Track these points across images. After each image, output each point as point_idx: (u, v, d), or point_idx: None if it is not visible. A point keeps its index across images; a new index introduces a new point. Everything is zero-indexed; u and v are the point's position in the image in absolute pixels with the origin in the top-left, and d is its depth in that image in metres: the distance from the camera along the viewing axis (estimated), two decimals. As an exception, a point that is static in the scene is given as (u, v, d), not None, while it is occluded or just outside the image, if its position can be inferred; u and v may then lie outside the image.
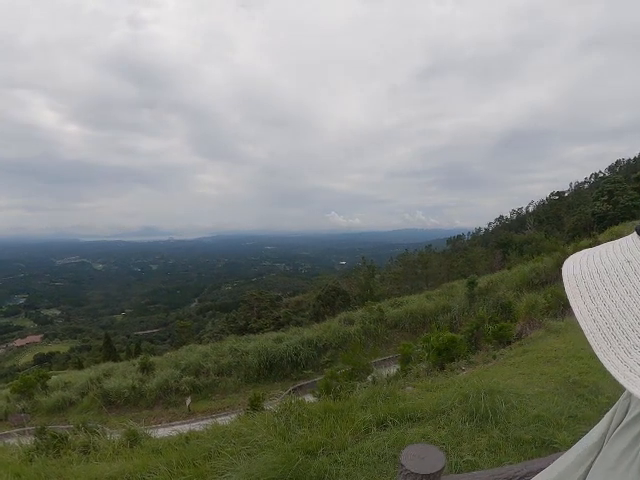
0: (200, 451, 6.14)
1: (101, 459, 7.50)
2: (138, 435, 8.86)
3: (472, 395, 5.92)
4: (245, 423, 7.11)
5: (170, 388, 24.17)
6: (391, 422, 5.82)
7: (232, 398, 22.87)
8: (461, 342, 14.43)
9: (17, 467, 8.11)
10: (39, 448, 9.39)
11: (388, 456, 4.83)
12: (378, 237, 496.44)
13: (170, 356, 29.23)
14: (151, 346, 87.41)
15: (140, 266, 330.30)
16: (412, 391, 8.26)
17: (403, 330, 26.51)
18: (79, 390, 26.50)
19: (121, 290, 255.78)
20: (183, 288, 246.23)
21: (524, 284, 27.16)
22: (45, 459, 8.21)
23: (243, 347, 26.07)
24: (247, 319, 52.01)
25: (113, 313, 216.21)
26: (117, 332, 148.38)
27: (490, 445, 4.90)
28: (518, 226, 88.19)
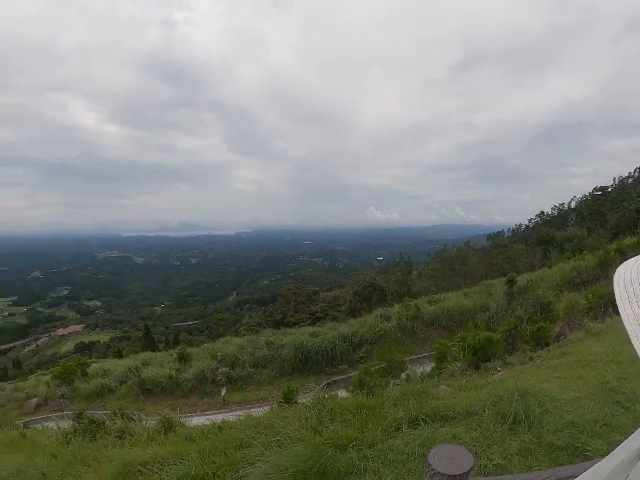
0: (232, 440, 6.26)
1: (135, 444, 7.68)
2: (173, 423, 9.03)
3: (506, 397, 5.81)
4: (278, 415, 7.23)
5: (206, 378, 24.50)
6: (422, 421, 5.77)
7: (266, 390, 23.02)
8: (498, 342, 14.23)
9: (54, 449, 8.38)
10: (76, 432, 9.67)
11: (417, 455, 4.80)
12: (416, 232, 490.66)
13: (207, 347, 29.59)
14: (189, 337, 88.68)
15: (180, 260, 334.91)
16: (445, 390, 8.20)
17: (440, 328, 26.19)
18: (118, 378, 27.11)
19: (161, 283, 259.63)
20: (221, 282, 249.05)
21: (564, 283, 26.52)
22: (81, 442, 8.46)
23: (279, 340, 26.20)
24: (284, 313, 52.37)
25: (153, 305, 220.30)
26: (156, 323, 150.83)
27: (521, 449, 4.81)
28: (559, 222, 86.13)
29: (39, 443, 10.00)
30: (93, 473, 6.35)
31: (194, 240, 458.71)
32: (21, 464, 7.26)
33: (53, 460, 7.44)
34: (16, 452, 8.71)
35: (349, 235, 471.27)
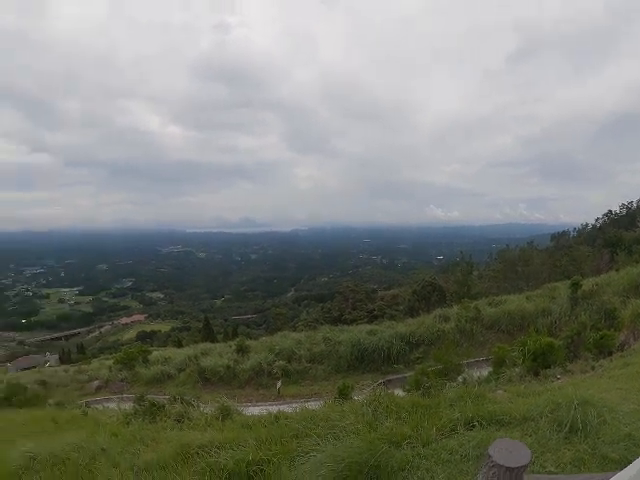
0: (288, 430, 6.46)
1: (193, 428, 7.96)
2: (230, 410, 9.29)
3: (564, 405, 5.70)
4: (334, 409, 7.36)
5: (263, 371, 24.88)
6: (478, 423, 5.76)
7: (321, 386, 23.14)
8: (559, 348, 13.92)
9: (114, 428, 8.78)
10: (137, 413, 10.09)
11: (471, 456, 4.82)
12: (478, 231, 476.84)
13: (265, 341, 30.01)
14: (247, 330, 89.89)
15: (240, 255, 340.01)
16: (503, 395, 8.14)
17: (499, 332, 25.56)
18: (177, 366, 27.91)
19: (222, 277, 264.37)
20: (280, 277, 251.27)
21: (632, 289, 25.21)
22: (141, 423, 8.83)
23: (336, 337, 26.29)
24: (342, 310, 52.47)
25: (213, 298, 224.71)
26: (216, 316, 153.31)
27: (575, 459, 4.74)
28: (628, 222, 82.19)
29: (100, 421, 10.46)
30: (152, 452, 6.65)
31: (254, 236, 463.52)
32: (82, 440, 7.62)
33: (113, 438, 7.80)
34: (77, 429, 9.12)
35: (409, 233, 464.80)
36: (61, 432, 8.81)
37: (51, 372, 40.79)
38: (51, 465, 6.77)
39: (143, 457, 6.47)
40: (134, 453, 6.77)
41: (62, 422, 11.16)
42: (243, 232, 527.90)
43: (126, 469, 6.18)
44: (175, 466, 5.88)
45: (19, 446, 7.64)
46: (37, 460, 6.95)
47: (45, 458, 6.96)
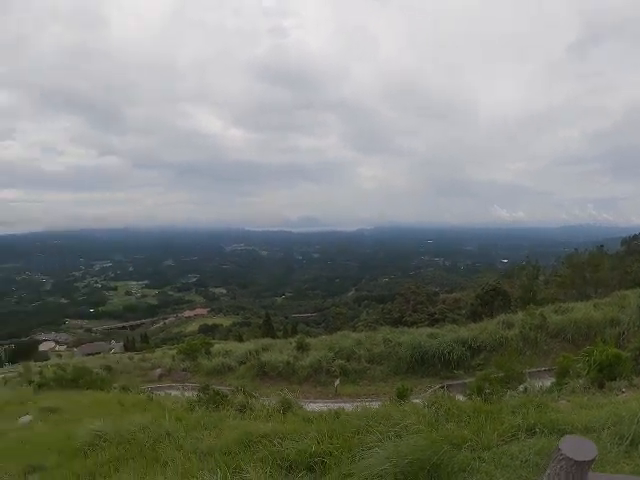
0: (349, 426, 6.54)
1: (255, 419, 8.20)
2: (291, 403, 9.51)
3: (626, 419, 5.59)
4: (395, 408, 7.45)
5: (321, 368, 25.03)
6: (539, 431, 5.70)
7: (378, 387, 23.05)
8: (626, 360, 13.45)
9: (179, 413, 9.13)
10: (200, 401, 10.46)
11: (531, 463, 4.79)
12: (545, 233, 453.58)
13: (325, 339, 30.20)
14: (306, 328, 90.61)
15: (302, 254, 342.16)
16: (565, 405, 8.02)
17: (564, 341, 24.74)
18: (238, 359, 28.48)
19: (283, 275, 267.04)
20: (342, 277, 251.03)
21: None
22: (205, 411, 9.15)
23: (397, 338, 26.12)
24: (402, 312, 52.10)
25: (274, 295, 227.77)
26: (276, 313, 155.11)
27: (633, 472, 4.61)
28: None
29: (165, 406, 10.86)
30: (215, 438, 6.90)
31: (317, 236, 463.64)
32: (148, 422, 7.95)
33: (178, 422, 8.10)
34: (142, 412, 9.48)
35: (472, 234, 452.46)
36: (127, 414, 9.20)
37: (116, 358, 42.50)
38: (117, 443, 7.10)
39: (206, 442, 6.69)
40: (197, 438, 7.00)
41: (128, 405, 11.61)
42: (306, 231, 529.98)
43: (190, 452, 6.41)
44: (238, 452, 6.09)
45: (87, 424, 8.05)
46: (103, 438, 7.32)
47: (111, 437, 7.30)
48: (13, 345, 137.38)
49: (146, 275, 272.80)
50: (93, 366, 31.08)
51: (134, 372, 32.04)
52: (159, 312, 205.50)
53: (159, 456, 6.45)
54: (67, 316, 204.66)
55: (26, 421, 10.39)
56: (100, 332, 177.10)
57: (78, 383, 20.73)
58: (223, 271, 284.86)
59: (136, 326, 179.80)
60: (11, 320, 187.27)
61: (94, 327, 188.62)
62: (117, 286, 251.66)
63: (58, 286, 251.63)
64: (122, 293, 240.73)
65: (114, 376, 29.58)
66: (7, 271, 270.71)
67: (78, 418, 9.80)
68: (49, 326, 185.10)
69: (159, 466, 6.06)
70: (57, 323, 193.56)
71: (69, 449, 7.31)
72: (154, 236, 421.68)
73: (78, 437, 7.62)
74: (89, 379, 21.85)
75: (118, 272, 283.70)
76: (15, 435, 8.83)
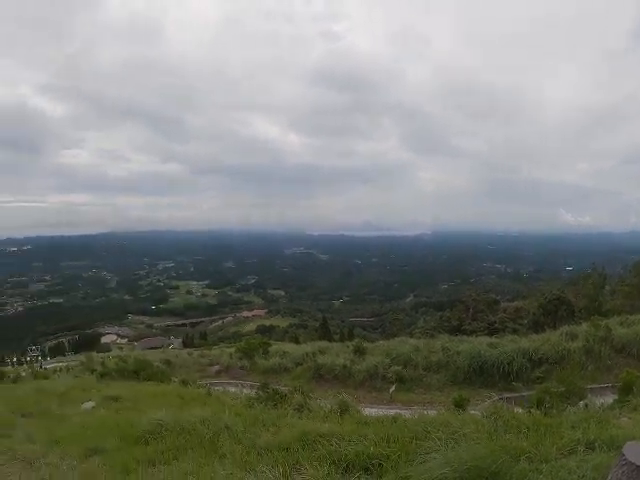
0: (407, 431, 6.54)
1: (312, 418, 8.26)
2: (349, 406, 9.54)
3: None
4: (454, 417, 7.44)
5: (377, 374, 24.89)
6: (599, 446, 5.55)
7: (434, 395, 22.65)
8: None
9: (238, 409, 9.29)
10: (259, 398, 10.62)
11: (588, 477, 4.66)
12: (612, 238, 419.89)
13: (382, 344, 30.06)
14: (363, 333, 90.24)
15: (361, 258, 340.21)
16: (627, 422, 7.79)
17: (629, 356, 23.54)
18: (294, 360, 28.73)
19: (342, 279, 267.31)
20: (400, 282, 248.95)
21: None
22: (263, 408, 9.28)
23: (455, 347, 25.66)
24: (461, 320, 51.16)
25: (332, 299, 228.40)
26: (333, 316, 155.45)
27: None
28: None
29: (224, 401, 11.09)
30: (272, 435, 6.99)
31: (376, 240, 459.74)
32: (208, 415, 8.12)
33: (237, 417, 8.25)
34: (202, 405, 9.70)
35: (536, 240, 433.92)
36: (187, 407, 9.42)
37: (175, 353, 43.88)
38: (177, 433, 7.28)
39: (264, 438, 6.79)
40: (256, 433, 7.11)
41: (187, 398, 11.90)
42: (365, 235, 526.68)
43: (248, 446, 6.53)
44: (296, 449, 6.16)
45: (148, 413, 8.30)
46: (164, 428, 7.52)
47: (172, 427, 7.49)
48: (77, 336, 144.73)
49: (207, 275, 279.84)
50: (153, 360, 31.97)
51: (192, 367, 32.86)
52: (218, 311, 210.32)
53: (218, 448, 6.58)
54: (130, 312, 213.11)
55: (89, 407, 10.77)
56: (160, 328, 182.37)
57: (139, 375, 21.33)
58: (282, 273, 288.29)
59: (195, 324, 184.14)
60: (76, 313, 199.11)
61: (155, 323, 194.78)
62: (179, 285, 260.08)
63: (122, 283, 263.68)
64: (183, 292, 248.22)
65: (173, 370, 30.38)
66: (75, 268, 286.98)
67: (139, 407, 10.11)
68: (112, 320, 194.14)
69: (217, 457, 6.18)
70: (120, 318, 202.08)
71: (130, 435, 7.53)
72: (215, 238, 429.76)
73: (139, 425, 7.86)
74: (150, 371, 22.46)
75: (180, 272, 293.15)
76: (78, 419, 9.18)
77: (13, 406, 10.45)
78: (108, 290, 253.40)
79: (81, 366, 39.30)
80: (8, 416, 9.30)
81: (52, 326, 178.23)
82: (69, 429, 8.37)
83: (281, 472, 5.30)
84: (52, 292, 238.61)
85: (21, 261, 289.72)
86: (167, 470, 5.80)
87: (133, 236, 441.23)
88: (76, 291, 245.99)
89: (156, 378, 20.57)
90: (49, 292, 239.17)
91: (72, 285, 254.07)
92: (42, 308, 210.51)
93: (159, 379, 20.42)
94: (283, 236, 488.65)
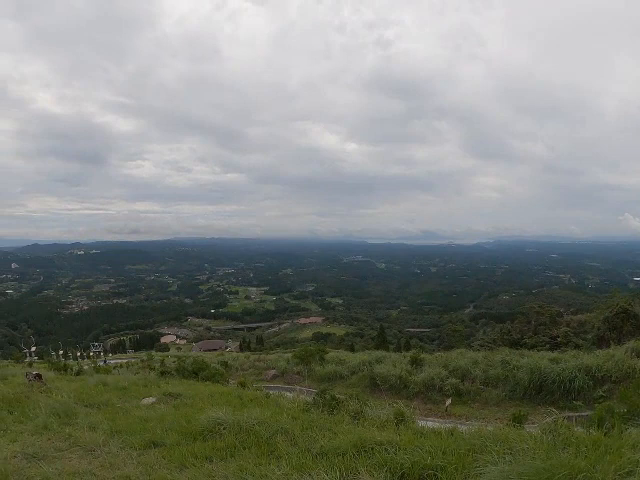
0: (464, 444, 6.51)
1: (369, 426, 8.26)
2: (405, 416, 9.50)
3: None
4: (511, 432, 7.30)
5: (434, 386, 24.50)
6: (659, 468, 5.43)
7: (490, 411, 22.10)
8: None
9: (295, 413, 9.39)
10: (316, 404, 10.68)
11: (644, 499, 4.59)
12: None
13: (440, 356, 29.66)
14: (420, 344, 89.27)
15: (420, 268, 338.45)
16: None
17: None
18: (350, 368, 28.66)
19: (399, 288, 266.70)
20: (459, 293, 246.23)
21: None
22: (319, 413, 9.35)
23: (515, 361, 24.97)
24: (522, 333, 49.79)
25: (389, 308, 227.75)
26: (390, 326, 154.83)
27: None
28: None
29: (282, 405, 11.21)
30: (328, 440, 7.00)
31: (435, 249, 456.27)
32: (265, 417, 8.24)
33: (293, 421, 8.35)
34: (260, 407, 9.82)
35: (601, 248, 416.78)
36: (245, 408, 9.57)
37: (233, 356, 44.73)
38: (235, 432, 7.40)
39: (320, 442, 6.83)
40: (312, 437, 7.16)
41: (246, 400, 12.07)
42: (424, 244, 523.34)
43: (304, 449, 6.60)
44: (352, 455, 6.18)
45: (207, 412, 8.46)
46: (223, 426, 7.68)
47: (230, 426, 7.61)
48: (137, 335, 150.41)
49: (266, 282, 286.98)
50: (211, 361, 32.63)
51: (249, 370, 33.38)
52: (275, 317, 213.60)
53: (274, 449, 6.66)
54: (189, 314, 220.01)
55: (149, 402, 11.06)
56: (218, 331, 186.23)
57: (198, 375, 21.74)
58: (340, 282, 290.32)
59: (252, 329, 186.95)
60: (138, 314, 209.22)
61: (213, 326, 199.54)
62: (238, 290, 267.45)
63: (183, 287, 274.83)
64: (242, 297, 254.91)
65: (230, 372, 30.93)
66: (139, 272, 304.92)
67: (198, 405, 10.31)
68: (172, 322, 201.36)
69: (274, 458, 6.26)
70: (179, 320, 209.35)
71: (189, 431, 7.70)
72: (275, 246, 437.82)
73: (198, 422, 8.02)
74: (208, 372, 22.85)
75: (239, 278, 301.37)
76: (138, 413, 9.42)
77: (76, 397, 10.84)
78: (169, 293, 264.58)
79: (141, 363, 40.65)
80: (72, 406, 9.66)
81: (114, 325, 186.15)
82: (129, 421, 8.63)
83: (337, 476, 5.36)
84: (116, 293, 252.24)
85: (88, 264, 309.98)
86: (224, 466, 5.93)
87: (195, 243, 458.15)
88: (139, 293, 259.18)
89: (214, 379, 20.93)
90: (113, 293, 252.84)
91: (135, 287, 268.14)
92: (106, 308, 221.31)
93: (217, 380, 20.79)
94: (342, 244, 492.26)
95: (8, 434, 7.91)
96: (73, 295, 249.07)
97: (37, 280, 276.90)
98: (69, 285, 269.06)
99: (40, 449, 6.83)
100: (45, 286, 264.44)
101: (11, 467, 5.95)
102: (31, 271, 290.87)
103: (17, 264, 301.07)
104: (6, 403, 10.03)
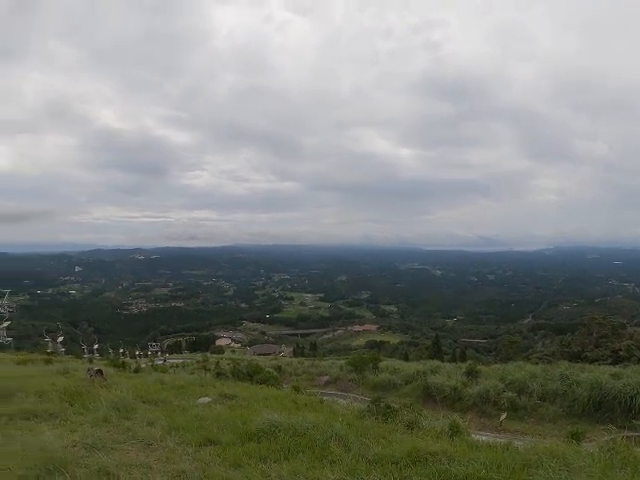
0: (519, 458, 6.52)
1: (423, 436, 8.23)
2: (460, 428, 9.42)
3: None
4: (568, 448, 7.24)
5: (489, 399, 23.92)
6: None
7: (546, 428, 21.30)
8: None
9: (350, 419, 9.43)
10: (370, 411, 10.68)
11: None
12: None
13: (497, 368, 29.02)
14: (475, 355, 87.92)
15: (477, 275, 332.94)
16: None
17: None
18: (404, 377, 28.44)
19: (456, 297, 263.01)
20: (518, 302, 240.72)
21: None
22: (374, 421, 9.37)
23: (575, 376, 24.13)
24: (583, 346, 48.22)
25: (445, 317, 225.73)
26: (446, 335, 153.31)
27: None
28: None
29: (336, 411, 11.27)
30: (382, 448, 7.01)
31: (493, 256, 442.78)
32: (320, 422, 8.27)
33: (348, 427, 8.37)
34: (314, 412, 9.89)
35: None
36: (299, 411, 9.66)
37: (286, 361, 45.12)
38: (290, 435, 7.48)
39: (374, 450, 6.86)
40: (366, 444, 7.17)
41: (300, 404, 12.17)
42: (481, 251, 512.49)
43: (357, 455, 6.63)
44: (406, 464, 6.22)
45: (263, 414, 8.57)
46: (278, 428, 7.75)
47: (285, 428, 7.70)
48: (193, 337, 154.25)
49: (321, 288, 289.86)
50: (264, 365, 33.00)
51: (302, 376, 33.58)
52: (329, 324, 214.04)
53: (328, 454, 6.72)
54: (244, 319, 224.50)
55: (205, 402, 11.26)
56: (272, 336, 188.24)
57: (252, 378, 22.07)
58: (395, 289, 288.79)
59: (306, 334, 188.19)
60: (195, 317, 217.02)
61: (268, 331, 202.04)
62: (293, 296, 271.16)
63: (239, 292, 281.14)
64: (297, 303, 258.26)
65: (283, 376, 31.21)
66: (197, 277, 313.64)
67: (253, 407, 10.44)
68: (227, 325, 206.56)
69: (327, 463, 6.32)
70: (235, 324, 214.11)
71: (244, 432, 7.81)
72: (330, 253, 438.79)
73: (253, 423, 8.13)
74: (262, 376, 23.19)
75: (295, 284, 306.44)
76: (195, 412, 9.60)
77: (135, 393, 11.12)
78: (225, 298, 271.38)
79: (196, 364, 41.51)
80: (131, 401, 9.94)
81: (172, 326, 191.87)
82: (186, 419, 8.80)
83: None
84: (174, 297, 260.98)
85: (148, 269, 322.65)
86: (277, 468, 6.01)
87: (251, 249, 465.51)
88: (196, 297, 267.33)
89: (268, 382, 21.18)
90: (171, 296, 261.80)
91: (193, 291, 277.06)
92: (164, 310, 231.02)
93: (271, 384, 21.01)
94: (398, 251, 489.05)
95: (68, 424, 8.21)
96: (133, 297, 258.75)
97: (99, 282, 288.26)
98: (129, 288, 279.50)
99: (99, 440, 7.06)
100: (106, 288, 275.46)
101: (70, 455, 6.16)
102: (94, 274, 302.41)
103: (81, 267, 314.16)
104: (68, 395, 10.41)
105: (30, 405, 9.24)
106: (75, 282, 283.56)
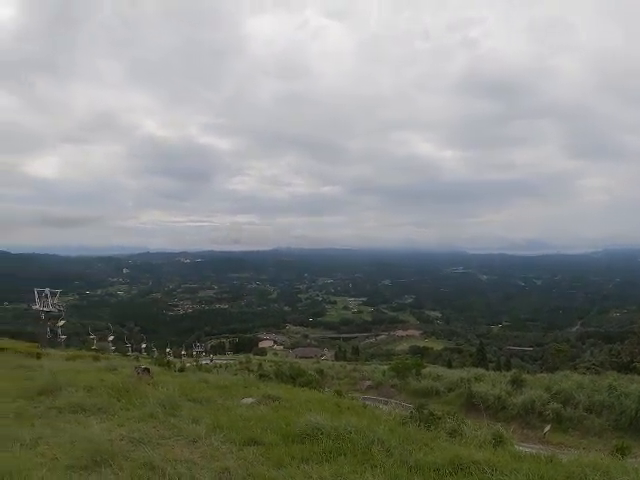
0: (562, 470, 6.49)
1: (465, 445, 8.19)
2: (504, 438, 9.34)
3: None
4: (613, 462, 7.17)
5: (534, 409, 23.46)
6: None
7: (590, 441, 20.59)
8: None
9: (392, 425, 9.44)
10: (413, 417, 10.67)
11: None
12: None
13: (543, 377, 28.53)
14: (521, 363, 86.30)
15: (524, 280, 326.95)
16: None
17: None
18: (447, 385, 28.24)
19: (502, 302, 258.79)
20: (566, 308, 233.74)
21: None
22: (416, 427, 9.36)
23: (623, 387, 23.41)
24: (633, 355, 46.80)
25: (490, 323, 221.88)
26: (491, 342, 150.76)
27: None
28: None
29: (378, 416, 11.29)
30: (424, 454, 6.99)
31: (541, 259, 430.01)
32: (363, 426, 8.27)
33: (390, 432, 8.37)
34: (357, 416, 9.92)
35: None
36: (342, 415, 9.71)
37: (328, 365, 45.27)
38: (332, 438, 7.50)
39: (416, 456, 6.85)
40: (408, 450, 7.16)
41: (343, 407, 12.24)
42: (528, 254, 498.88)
43: (399, 461, 6.63)
44: (448, 472, 6.24)
45: (306, 416, 8.62)
46: (320, 431, 7.79)
47: (327, 431, 7.73)
48: (237, 339, 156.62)
49: (364, 293, 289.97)
50: (307, 368, 33.22)
51: (344, 380, 33.68)
52: (372, 328, 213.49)
53: (370, 458, 6.72)
54: (287, 322, 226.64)
55: (249, 402, 11.38)
56: (315, 339, 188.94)
57: (295, 380, 22.26)
58: (440, 294, 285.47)
59: (349, 339, 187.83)
60: (239, 319, 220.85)
61: (310, 334, 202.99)
62: (336, 300, 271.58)
63: (283, 295, 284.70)
64: (340, 307, 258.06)
65: (324, 380, 31.34)
66: (242, 280, 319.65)
67: (296, 409, 10.50)
68: (270, 328, 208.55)
69: (369, 467, 6.32)
70: (278, 326, 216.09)
71: (287, 433, 7.87)
72: (374, 257, 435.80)
73: (297, 424, 8.18)
74: (305, 378, 23.37)
75: (338, 288, 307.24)
76: (239, 412, 9.72)
77: (180, 391, 11.33)
78: (269, 300, 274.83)
79: (239, 365, 42.06)
80: (176, 399, 10.14)
81: (216, 327, 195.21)
82: (231, 418, 8.91)
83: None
84: (219, 299, 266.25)
85: (193, 271, 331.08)
86: (320, 469, 6.06)
87: (296, 253, 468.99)
88: (240, 299, 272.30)
89: (310, 385, 21.34)
90: (216, 299, 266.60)
91: (237, 294, 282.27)
92: (209, 312, 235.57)
93: (313, 387, 21.14)
94: (442, 255, 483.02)
95: (116, 419, 8.45)
96: (179, 299, 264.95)
97: (146, 284, 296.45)
98: (175, 289, 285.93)
99: (145, 435, 7.25)
100: (153, 290, 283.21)
101: (117, 448, 6.37)
102: (141, 276, 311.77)
103: (128, 269, 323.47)
104: (115, 391, 10.65)
105: (79, 399, 9.51)
106: (123, 283, 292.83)
